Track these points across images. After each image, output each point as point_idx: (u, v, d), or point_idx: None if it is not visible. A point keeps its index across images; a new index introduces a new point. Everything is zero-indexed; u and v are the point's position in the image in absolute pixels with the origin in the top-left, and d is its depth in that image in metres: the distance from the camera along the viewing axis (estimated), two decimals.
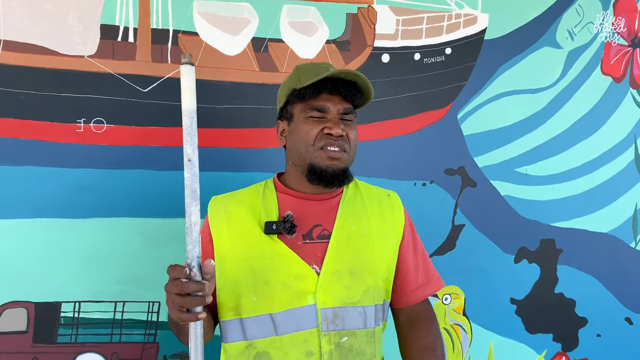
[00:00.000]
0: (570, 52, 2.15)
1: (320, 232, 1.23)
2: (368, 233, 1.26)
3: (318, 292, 1.17)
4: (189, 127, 0.91)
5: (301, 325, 1.15)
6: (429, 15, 1.95)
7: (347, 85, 1.22)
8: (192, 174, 0.91)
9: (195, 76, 0.90)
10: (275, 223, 1.19)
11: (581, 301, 2.25)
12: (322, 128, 1.20)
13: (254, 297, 1.17)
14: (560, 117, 2.16)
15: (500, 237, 2.11)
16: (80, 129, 1.63)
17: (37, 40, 1.58)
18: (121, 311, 1.69)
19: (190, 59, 0.90)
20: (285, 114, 1.30)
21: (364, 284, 1.22)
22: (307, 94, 1.21)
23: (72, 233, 1.64)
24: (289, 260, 1.18)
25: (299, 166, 1.25)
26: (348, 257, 1.21)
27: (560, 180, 2.19)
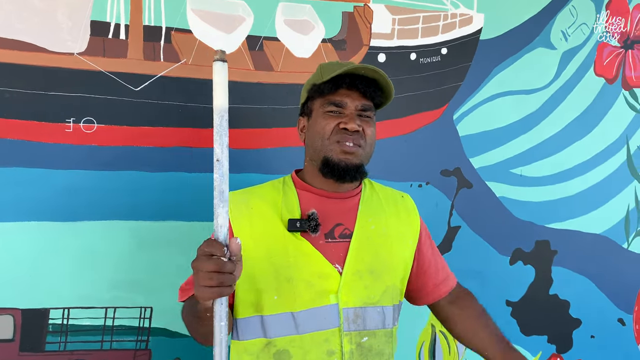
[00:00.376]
0: (564, 52, 2.14)
1: (341, 231, 1.22)
2: (387, 233, 1.26)
3: (340, 291, 1.16)
4: (219, 126, 0.87)
5: (323, 324, 1.15)
6: (425, 14, 1.92)
7: (366, 82, 1.20)
8: (221, 175, 0.87)
9: (227, 73, 0.87)
10: (299, 221, 1.17)
11: (575, 302, 2.25)
12: (338, 123, 1.19)
13: (275, 296, 1.15)
14: (554, 118, 2.16)
15: (496, 239, 2.10)
16: (70, 129, 1.57)
17: (25, 36, 1.52)
18: (112, 317, 1.63)
19: (223, 56, 0.87)
20: (306, 110, 1.29)
21: (383, 284, 1.22)
22: (326, 88, 1.19)
23: (61, 237, 1.58)
24: (313, 258, 1.17)
25: (315, 161, 1.23)
26: (368, 257, 1.21)
27: (555, 181, 2.18)
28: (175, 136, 1.66)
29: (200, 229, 1.70)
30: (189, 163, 1.68)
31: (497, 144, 2.08)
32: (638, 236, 2.33)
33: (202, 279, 0.87)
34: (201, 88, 1.68)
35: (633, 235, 2.33)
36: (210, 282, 0.87)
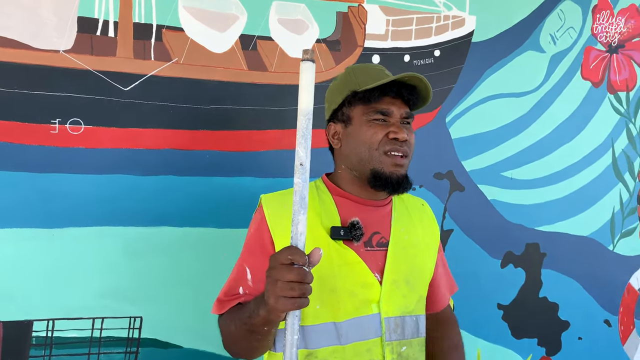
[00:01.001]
0: (552, 56, 2.16)
1: (379, 239, 1.20)
2: (417, 242, 1.25)
3: (382, 301, 1.15)
4: (304, 129, 0.83)
5: (365, 334, 1.12)
6: (418, 16, 1.91)
7: (409, 89, 1.18)
8: (303, 180, 0.83)
9: (315, 74, 0.82)
10: (342, 229, 1.14)
11: (564, 305, 2.26)
12: (387, 132, 1.16)
13: (318, 305, 1.11)
14: (543, 121, 2.17)
15: (488, 242, 2.09)
16: (55, 130, 1.49)
17: (7, 32, 1.43)
18: (99, 328, 1.55)
19: (313, 56, 0.83)
20: (340, 116, 1.23)
21: (417, 293, 1.21)
22: (372, 97, 1.16)
23: (46, 244, 1.50)
24: (357, 267, 1.14)
25: (357, 170, 1.19)
26: (404, 266, 1.20)
27: (544, 184, 2.19)
28: (166, 138, 1.60)
29: (193, 235, 1.64)
30: (180, 166, 1.62)
31: (489, 146, 2.07)
32: (623, 238, 2.36)
33: (282, 289, 0.83)
34: (193, 88, 1.62)
35: (618, 237, 2.35)
36: (292, 292, 0.83)
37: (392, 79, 1.14)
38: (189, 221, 1.63)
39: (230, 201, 1.68)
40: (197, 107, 1.63)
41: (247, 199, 1.70)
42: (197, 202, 1.64)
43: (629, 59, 2.32)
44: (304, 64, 0.84)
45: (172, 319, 1.62)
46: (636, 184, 2.37)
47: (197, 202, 1.64)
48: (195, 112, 1.62)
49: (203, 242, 1.65)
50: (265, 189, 1.70)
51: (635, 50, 2.33)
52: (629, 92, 2.32)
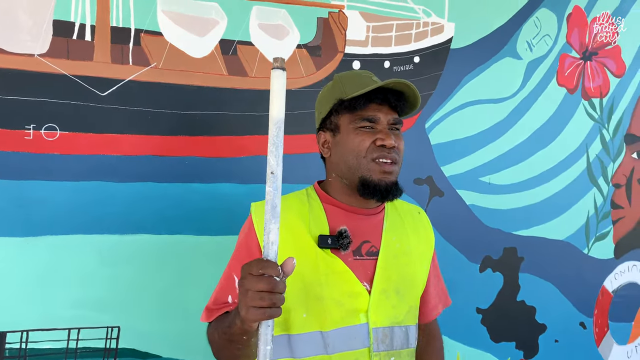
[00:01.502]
0: (529, 62, 2.19)
1: (368, 248, 1.19)
2: (409, 251, 1.24)
3: (370, 311, 1.14)
4: (275, 137, 0.83)
5: (352, 344, 1.12)
6: (398, 22, 1.91)
7: (396, 95, 1.17)
8: (275, 188, 0.82)
9: (285, 82, 0.81)
10: (330, 237, 1.13)
11: (541, 308, 2.29)
12: (374, 139, 1.15)
13: (304, 314, 1.11)
14: (520, 127, 2.20)
15: (466, 247, 2.11)
16: (30, 136, 1.45)
17: None
18: (76, 339, 1.52)
19: (283, 64, 0.83)
20: (329, 124, 1.23)
21: (407, 303, 1.20)
22: (358, 104, 1.15)
23: (19, 253, 1.45)
24: (345, 277, 1.13)
25: (346, 179, 1.19)
26: (394, 276, 1.18)
27: (521, 189, 2.22)
28: (144, 144, 1.57)
29: (171, 243, 1.61)
30: (159, 173, 1.59)
31: (467, 152, 2.09)
32: (597, 241, 2.41)
33: (252, 299, 0.82)
34: (172, 93, 1.59)
35: (593, 240, 2.40)
36: (262, 302, 0.82)
37: (377, 85, 1.14)
38: (167, 229, 1.61)
39: (210, 208, 1.66)
40: (176, 112, 1.60)
41: (226, 205, 1.68)
42: (176, 209, 1.61)
43: (602, 66, 2.36)
44: (274, 72, 0.84)
45: (151, 328, 1.59)
46: (609, 188, 2.42)
47: (176, 209, 1.61)
48: (174, 118, 1.60)
49: (182, 249, 1.62)
50: (245, 195, 1.69)
51: (608, 57, 2.38)
52: (602, 98, 2.37)
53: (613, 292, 2.48)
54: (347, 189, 1.20)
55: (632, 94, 2.45)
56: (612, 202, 2.43)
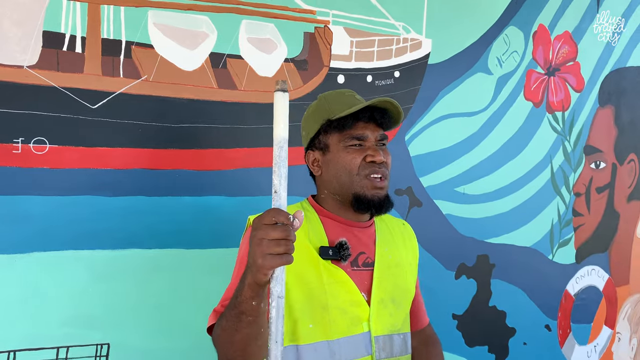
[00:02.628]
0: (499, 78, 2.29)
1: (364, 259, 1.23)
2: (400, 262, 1.29)
3: (371, 319, 1.18)
4: (278, 157, 0.85)
5: (357, 352, 1.16)
6: (380, 38, 1.97)
7: (380, 112, 1.22)
8: (278, 206, 0.86)
9: (288, 103, 0.83)
10: (331, 248, 1.17)
11: (510, 312, 2.39)
12: (364, 156, 1.20)
13: (310, 324, 1.14)
14: (491, 139, 2.29)
15: (443, 255, 2.18)
16: (18, 150, 1.41)
17: None
18: (65, 358, 1.48)
19: (285, 86, 0.84)
20: (317, 144, 1.26)
21: (402, 311, 1.26)
22: (346, 123, 1.20)
23: (7, 271, 1.40)
24: (347, 286, 1.17)
25: (339, 195, 1.23)
26: (389, 286, 1.24)
27: (492, 198, 2.32)
28: (135, 157, 1.55)
29: (162, 257, 1.59)
30: (149, 186, 1.57)
31: (444, 163, 2.17)
32: (560, 247, 2.53)
33: (268, 246, 0.84)
34: (163, 106, 1.58)
35: (556, 246, 2.52)
36: (278, 248, 0.84)
37: (364, 105, 1.19)
38: (157, 243, 1.59)
39: (200, 221, 1.65)
40: (167, 125, 1.59)
41: (216, 218, 1.68)
42: (166, 223, 1.60)
43: (564, 81, 2.50)
44: (277, 94, 0.85)
45: (141, 344, 1.57)
46: (571, 197, 2.56)
47: (166, 223, 1.60)
48: (164, 131, 1.59)
49: (173, 263, 1.61)
50: (235, 207, 1.70)
51: (569, 73, 2.52)
52: (564, 112, 2.50)
53: (574, 295, 2.61)
54: (341, 205, 1.25)
55: (590, 107, 2.60)
56: (574, 210, 2.57)
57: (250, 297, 0.91)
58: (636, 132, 2.77)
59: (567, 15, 2.47)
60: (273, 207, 0.86)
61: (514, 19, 2.31)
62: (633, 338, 2.89)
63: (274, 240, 0.84)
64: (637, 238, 2.87)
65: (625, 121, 2.72)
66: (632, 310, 2.88)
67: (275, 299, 0.86)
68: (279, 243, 0.84)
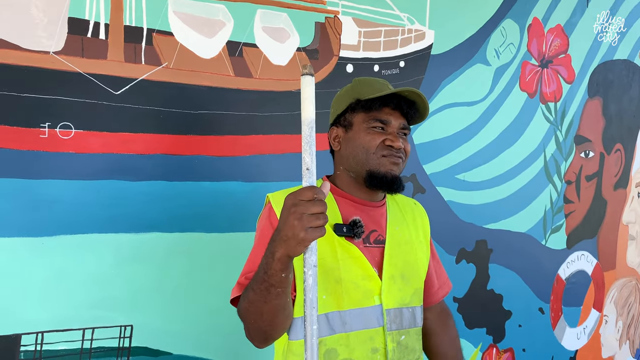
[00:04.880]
0: (497, 69, 2.37)
1: (376, 237, 1.29)
2: (411, 239, 1.35)
3: (383, 293, 1.24)
4: (308, 136, 0.90)
5: (368, 323, 1.22)
6: (386, 29, 2.02)
7: (408, 103, 1.28)
8: (311, 183, 0.91)
9: (314, 86, 0.87)
10: (345, 226, 1.22)
11: (507, 295, 2.48)
12: (384, 139, 1.25)
13: (324, 295, 1.19)
14: (489, 128, 2.37)
15: (445, 240, 2.25)
16: (45, 135, 1.43)
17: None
18: (90, 339, 1.50)
19: (311, 70, 0.90)
20: (343, 121, 1.32)
21: (412, 287, 1.31)
22: (374, 105, 1.26)
23: (34, 254, 1.43)
24: (360, 261, 1.23)
25: (354, 172, 1.28)
26: (399, 262, 1.29)
27: (490, 185, 2.40)
28: (156, 143, 1.58)
29: (182, 241, 1.63)
30: (170, 171, 1.61)
31: (446, 151, 2.24)
32: (553, 233, 2.63)
33: (309, 220, 0.90)
34: (183, 93, 1.61)
35: (549, 232, 2.62)
36: (319, 222, 0.90)
37: (393, 91, 1.25)
38: (178, 227, 1.62)
39: (218, 205, 1.69)
40: (186, 111, 1.63)
41: (233, 203, 1.72)
42: (187, 207, 1.63)
43: (556, 72, 2.59)
44: (304, 78, 0.91)
45: (163, 326, 1.60)
46: (562, 185, 2.66)
47: (187, 208, 1.63)
48: (184, 117, 1.62)
49: (192, 247, 1.64)
50: (251, 193, 1.74)
51: (561, 65, 2.61)
52: (556, 102, 2.60)
53: (566, 279, 2.72)
54: (355, 182, 1.30)
55: (580, 98, 2.70)
56: (565, 197, 2.67)
57: (280, 270, 0.96)
58: (622, 122, 2.89)
59: (560, 9, 2.57)
60: (306, 184, 0.91)
61: (510, 11, 2.39)
62: (619, 321, 3.01)
63: (314, 214, 0.90)
64: (622, 225, 2.99)
65: (612, 112, 2.84)
66: (618, 294, 3.01)
67: (311, 267, 0.92)
68: (318, 217, 0.90)
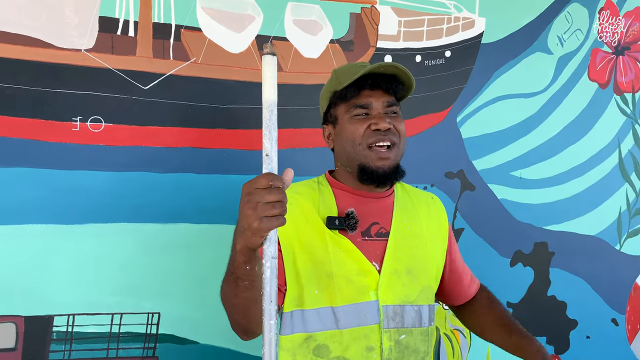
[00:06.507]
0: (560, 57, 2.19)
1: (377, 230, 1.22)
2: (421, 234, 1.27)
3: (380, 289, 1.17)
4: (268, 120, 0.86)
5: (362, 320, 1.16)
6: (430, 17, 1.94)
7: (387, 78, 1.20)
8: (270, 170, 0.85)
9: (276, 67, 0.84)
10: (337, 218, 1.18)
11: (572, 303, 2.28)
12: (369, 125, 1.19)
13: (316, 290, 1.16)
14: (551, 122, 2.20)
15: (497, 241, 2.11)
16: (76, 128, 1.52)
17: (31, 32, 1.46)
18: (118, 324, 1.57)
19: (273, 49, 0.85)
20: (329, 117, 1.28)
21: (419, 283, 1.23)
22: (349, 93, 1.20)
23: (66, 240, 1.52)
24: (352, 255, 1.17)
25: (348, 167, 1.24)
26: (405, 257, 1.22)
27: (552, 184, 2.22)
28: (184, 136, 1.62)
29: (209, 232, 1.66)
30: (198, 164, 1.64)
31: (498, 146, 2.10)
32: (630, 238, 2.39)
33: (264, 209, 0.83)
34: (211, 87, 1.64)
35: (625, 236, 2.38)
36: (274, 211, 0.83)
37: (364, 72, 1.16)
38: (205, 218, 1.66)
39: None
40: (215, 106, 1.65)
41: None
42: (214, 199, 1.66)
43: (635, 60, 2.35)
44: (265, 58, 0.84)
45: (189, 314, 1.64)
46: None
47: (214, 200, 1.66)
48: (212, 111, 1.65)
49: (219, 238, 1.66)
50: None
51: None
52: (634, 93, 2.35)
53: None
54: (352, 176, 1.24)
55: None
56: None
57: (244, 262, 0.92)
58: None
59: None
60: (265, 170, 0.85)
61: None
62: None
63: (269, 203, 0.83)
64: None
65: None
66: None
67: (269, 259, 0.86)
68: (274, 205, 0.83)
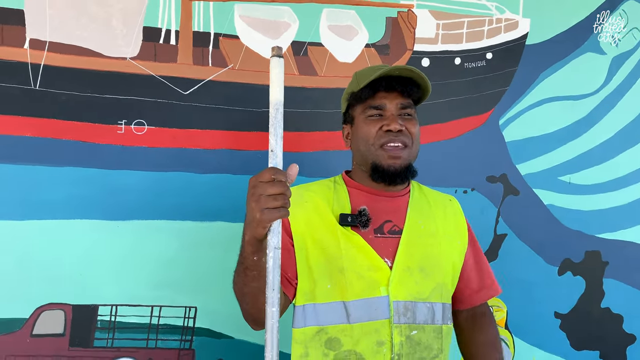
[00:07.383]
0: (614, 58, 2.09)
1: (390, 227, 1.25)
2: (436, 233, 1.29)
3: (391, 284, 1.19)
4: (274, 118, 0.91)
5: (373, 315, 1.18)
6: (470, 19, 1.92)
7: (403, 81, 1.23)
8: (275, 164, 0.91)
9: (283, 68, 0.89)
10: (350, 215, 1.22)
11: (629, 317, 2.15)
12: (381, 126, 1.23)
13: (329, 285, 1.19)
14: (604, 125, 2.10)
15: (544, 248, 2.04)
16: (121, 131, 1.63)
17: (81, 42, 1.59)
18: (157, 316, 1.66)
19: (280, 52, 0.91)
20: (347, 118, 1.34)
21: (432, 281, 1.24)
22: (364, 94, 1.24)
23: (111, 235, 1.63)
24: (364, 251, 1.20)
25: (363, 165, 1.28)
26: (418, 254, 1.24)
27: (605, 189, 2.11)
28: (222, 139, 1.70)
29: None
30: (234, 165, 1.71)
31: (544, 150, 2.03)
32: None
33: (266, 202, 0.88)
34: (247, 92, 1.71)
35: None
36: (276, 203, 0.88)
37: (378, 74, 1.20)
38: (241, 217, 1.70)
39: None
40: (251, 110, 1.72)
41: None
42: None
43: None
44: (272, 60, 0.89)
45: (225, 310, 1.70)
46: None
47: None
48: (249, 115, 1.72)
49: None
50: None
51: None
52: None
53: None
54: (366, 175, 1.28)
55: None
56: None
57: (251, 253, 0.97)
58: None
59: None
60: (270, 165, 0.90)
61: None
62: None
63: (271, 195, 0.88)
64: None
65: None
66: None
67: (272, 249, 0.91)
68: (276, 198, 0.88)
